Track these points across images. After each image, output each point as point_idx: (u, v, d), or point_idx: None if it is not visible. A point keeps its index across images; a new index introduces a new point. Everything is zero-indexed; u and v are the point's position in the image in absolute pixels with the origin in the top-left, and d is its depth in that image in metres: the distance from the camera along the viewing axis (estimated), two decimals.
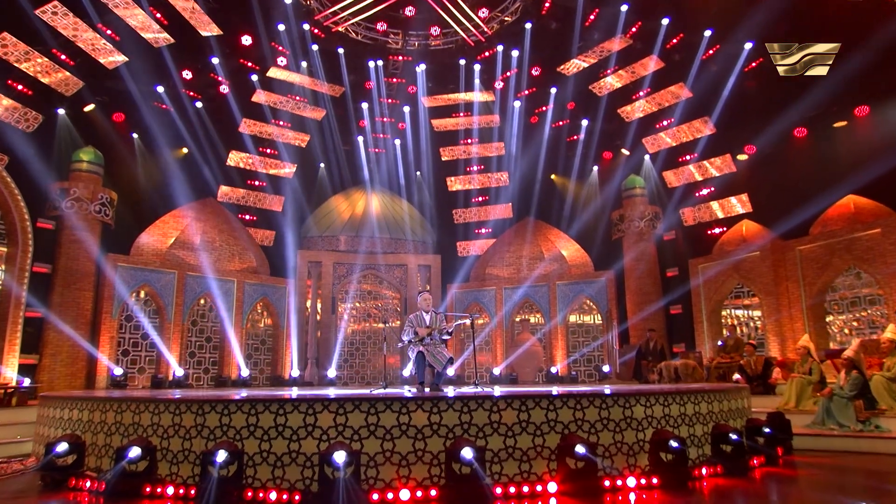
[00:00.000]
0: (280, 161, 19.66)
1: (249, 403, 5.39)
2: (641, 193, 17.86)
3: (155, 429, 5.65)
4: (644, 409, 5.82)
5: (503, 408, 5.43)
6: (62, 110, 14.67)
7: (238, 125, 18.28)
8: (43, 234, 13.71)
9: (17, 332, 12.85)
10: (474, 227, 21.46)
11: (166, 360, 15.17)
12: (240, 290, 17.21)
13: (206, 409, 5.48)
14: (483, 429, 5.34)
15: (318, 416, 5.26)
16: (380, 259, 20.47)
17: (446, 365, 8.28)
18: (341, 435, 5.20)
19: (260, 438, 5.27)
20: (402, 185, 21.55)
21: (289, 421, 5.28)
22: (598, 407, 5.63)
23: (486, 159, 20.98)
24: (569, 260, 19.04)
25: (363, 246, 20.51)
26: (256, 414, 5.35)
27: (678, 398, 6.11)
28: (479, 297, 19.46)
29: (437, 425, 5.29)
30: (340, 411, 5.26)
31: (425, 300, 8.67)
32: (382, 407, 5.28)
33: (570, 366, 17.72)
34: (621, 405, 5.71)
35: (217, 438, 5.36)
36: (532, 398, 5.53)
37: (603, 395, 5.71)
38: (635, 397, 5.82)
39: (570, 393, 5.71)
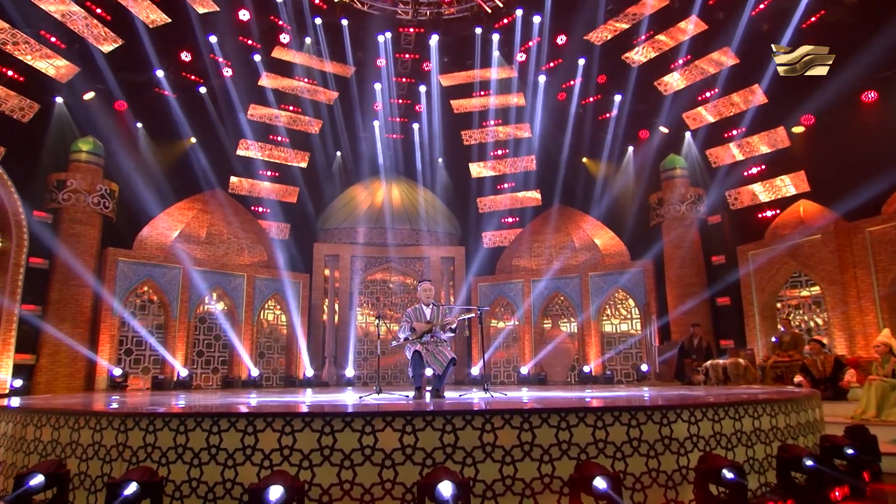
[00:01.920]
0: (292, 150, 18.78)
1: (178, 418, 4.31)
2: (682, 174, 16.26)
3: (74, 448, 4.64)
4: (688, 425, 4.49)
5: (499, 425, 4.19)
6: (60, 99, 14.05)
7: (246, 111, 17.44)
8: (39, 227, 13.11)
9: (12, 330, 12.27)
10: (500, 215, 20.17)
11: (171, 359, 14.45)
12: (250, 286, 16.40)
13: (128, 425, 4.43)
14: (472, 453, 4.12)
15: (258, 437, 4.13)
16: (400, 251, 19.45)
17: (448, 367, 7.10)
18: (287, 461, 4.06)
19: (189, 463, 4.18)
20: (422, 172, 20.41)
21: (223, 441, 4.17)
22: (626, 424, 4.33)
23: (510, 142, 19.62)
24: (602, 249, 17.55)
25: (382, 238, 19.53)
26: (186, 432, 4.26)
27: (732, 410, 4.76)
28: (504, 290, 18.19)
29: (412, 449, 4.10)
30: (287, 430, 4.12)
31: (425, 291, 7.51)
32: (340, 424, 4.11)
33: (604, 364, 16.28)
34: (657, 421, 4.40)
35: (140, 461, 4.30)
36: (538, 413, 4.28)
37: (632, 409, 4.40)
38: (675, 410, 4.50)
39: (589, 407, 4.42)
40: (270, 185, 18.71)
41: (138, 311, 14.54)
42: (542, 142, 19.05)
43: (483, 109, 19.32)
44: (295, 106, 18.26)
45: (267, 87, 17.49)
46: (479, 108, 19.33)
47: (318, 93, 18.54)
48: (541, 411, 4.28)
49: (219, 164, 17.08)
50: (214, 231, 16.24)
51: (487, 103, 19.15)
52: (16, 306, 12.40)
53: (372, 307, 19.45)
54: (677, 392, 8.80)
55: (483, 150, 19.85)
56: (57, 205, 13.42)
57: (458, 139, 19.68)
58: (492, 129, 19.62)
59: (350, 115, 18.92)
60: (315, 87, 18.43)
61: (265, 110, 17.89)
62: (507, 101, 19.18)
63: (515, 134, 19.48)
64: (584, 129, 18.39)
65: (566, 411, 4.29)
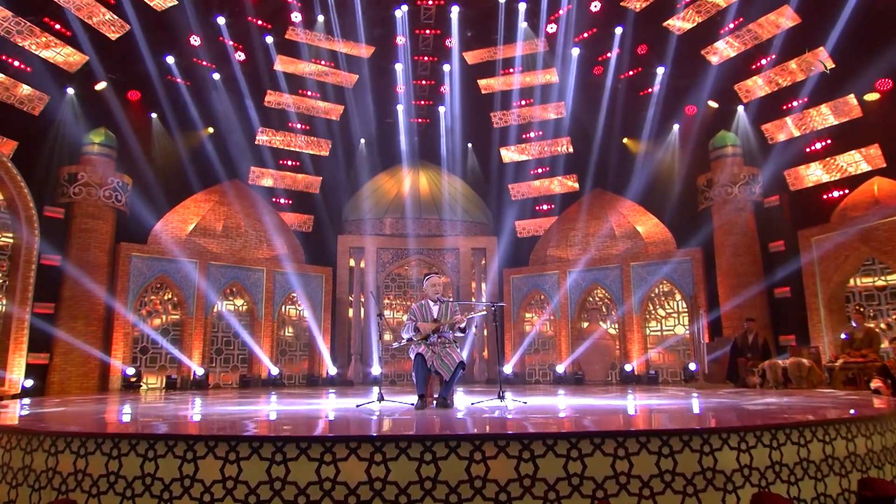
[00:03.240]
0: (314, 138, 18.29)
1: (112, 440, 3.72)
2: (734, 152, 14.97)
3: (4, 472, 4.13)
4: (737, 453, 3.62)
5: (492, 454, 3.43)
6: (71, 90, 13.90)
7: (262, 98, 17.03)
8: (52, 223, 13.00)
9: (24, 329, 12.18)
10: (533, 203, 19.24)
11: (187, 358, 14.21)
12: (269, 280, 16.04)
13: (59, 447, 3.88)
14: (458, 489, 3.37)
15: (198, 464, 3.49)
16: (428, 242, 18.79)
17: (456, 371, 6.34)
18: (230, 495, 3.41)
19: (122, 494, 3.58)
20: (450, 158, 19.64)
21: (160, 469, 3.55)
22: (657, 452, 3.50)
23: (544, 123, 18.61)
24: (645, 236, 16.41)
25: (410, 229, 18.90)
26: (119, 457, 3.67)
27: (796, 433, 3.86)
28: (539, 282, 17.29)
29: (382, 483, 3.38)
30: (231, 457, 3.46)
31: (433, 286, 6.76)
32: (294, 451, 3.42)
33: (648, 363, 15.21)
34: (696, 448, 3.55)
35: (70, 491, 3.75)
36: (542, 438, 3.50)
37: (664, 434, 3.56)
38: (720, 435, 3.64)
39: (607, 432, 3.60)
40: (291, 176, 18.30)
41: (153, 307, 14.33)
42: (578, 122, 17.97)
43: (512, 89, 18.35)
44: (313, 91, 17.74)
45: (283, 71, 17.02)
46: (508, 88, 18.37)
47: (337, 76, 17.96)
48: (545, 436, 3.48)
49: (236, 155, 16.75)
50: (231, 224, 15.92)
51: (517, 81, 18.16)
52: (28, 305, 12.30)
53: (400, 301, 18.89)
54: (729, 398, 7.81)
55: (514, 133, 18.91)
56: (68, 199, 13.29)
57: (486, 122, 18.80)
58: (523, 109, 18.64)
59: (372, 100, 18.27)
60: (333, 71, 17.85)
61: (282, 97, 17.43)
62: (538, 78, 18.16)
63: (548, 114, 18.45)
64: (623, 107, 17.21)
65: (577, 436, 3.48)
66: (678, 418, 5.14)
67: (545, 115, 18.48)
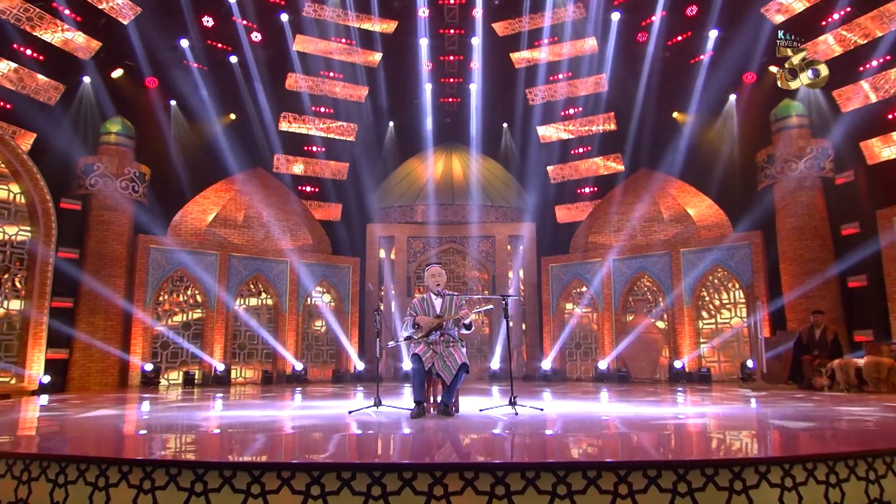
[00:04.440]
0: (339, 122, 17.92)
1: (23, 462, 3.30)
2: (800, 123, 13.68)
3: None
4: (780, 491, 2.90)
5: (456, 489, 2.82)
6: (87, 78, 13.93)
7: (283, 81, 16.72)
8: (69, 215, 13.06)
9: (43, 324, 12.28)
10: (575, 185, 18.34)
11: (209, 354, 14.14)
12: (293, 272, 15.80)
13: None
14: None
15: (110, 493, 3.02)
16: (463, 230, 18.17)
17: (459, 374, 5.75)
18: None
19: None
20: (485, 140, 18.92)
21: (70, 497, 3.11)
22: (670, 490, 2.81)
23: (584, 99, 17.63)
24: (697, 220, 15.30)
25: (442, 216, 18.34)
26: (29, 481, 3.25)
27: (863, 464, 3.09)
28: (580, 271, 16.43)
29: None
30: (146, 485, 2.97)
31: (433, 276, 6.18)
32: (216, 481, 2.90)
33: (700, 358, 14.19)
34: (724, 486, 2.85)
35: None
36: (521, 470, 2.86)
37: (680, 466, 2.87)
38: (756, 467, 2.91)
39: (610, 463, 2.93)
40: (317, 162, 18.01)
41: (173, 301, 14.30)
42: (621, 95, 16.88)
43: (547, 61, 17.42)
44: (336, 72, 17.32)
45: (302, 52, 16.65)
46: (543, 61, 17.45)
47: (359, 55, 17.47)
48: (526, 467, 2.84)
49: (259, 142, 16.55)
50: (252, 214, 15.74)
51: (552, 53, 17.22)
52: (46, 300, 12.39)
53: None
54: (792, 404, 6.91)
55: (552, 110, 18.02)
56: (85, 191, 13.34)
57: (521, 99, 17.96)
58: (560, 84, 17.70)
59: (398, 79, 17.71)
60: (354, 49, 17.37)
61: (304, 79, 17.09)
62: (575, 48, 17.15)
63: (588, 88, 17.45)
64: (671, 77, 16.04)
65: (567, 468, 2.82)
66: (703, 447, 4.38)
67: (585, 89, 17.49)
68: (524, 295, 17.97)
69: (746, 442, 4.03)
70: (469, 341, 18.44)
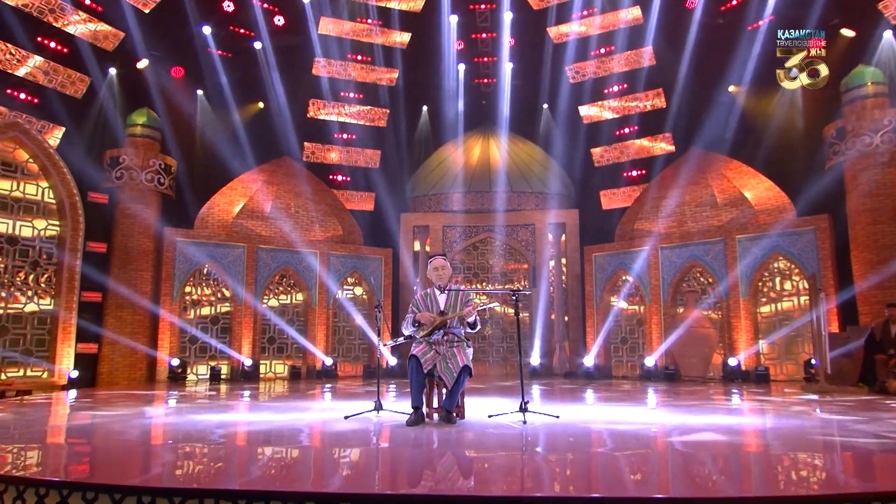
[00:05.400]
0: (369, 107, 17.60)
1: None
2: (876, 92, 12.44)
3: None
4: None
5: None
6: (113, 70, 14.07)
7: (310, 66, 16.50)
8: (97, 209, 13.25)
9: (72, 319, 12.50)
10: (621, 168, 17.47)
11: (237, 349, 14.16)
12: (323, 264, 15.65)
13: None
14: None
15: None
16: (501, 218, 17.62)
17: (460, 377, 5.29)
18: None
19: None
20: (523, 122, 18.25)
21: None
22: None
23: (630, 74, 16.69)
24: (754, 203, 14.22)
25: (479, 203, 17.86)
26: None
27: None
28: (626, 261, 15.62)
29: None
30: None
31: (435, 270, 5.73)
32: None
33: (759, 355, 13.20)
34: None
35: None
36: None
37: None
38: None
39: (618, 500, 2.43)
40: (348, 150, 17.78)
41: (200, 295, 14.36)
42: (671, 69, 15.84)
43: (589, 35, 16.54)
44: (364, 55, 16.96)
45: (327, 34, 16.36)
46: (584, 35, 16.58)
47: (387, 35, 17.04)
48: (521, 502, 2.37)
49: (287, 130, 16.41)
50: (280, 204, 15.63)
51: (593, 26, 16.32)
52: (75, 294, 12.61)
53: (471, 285, 17.94)
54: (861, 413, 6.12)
55: (595, 88, 17.14)
56: (112, 184, 13.50)
57: (562, 77, 17.16)
58: (603, 59, 16.79)
59: (429, 60, 17.20)
60: (382, 29, 16.95)
61: (331, 63, 16.82)
62: (620, 18, 16.19)
63: (634, 62, 16.49)
64: (726, 46, 14.90)
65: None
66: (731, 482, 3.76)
67: (630, 63, 16.54)
68: (566, 286, 17.29)
69: (806, 472, 3.40)
70: (507, 335, 17.97)
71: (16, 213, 12.07)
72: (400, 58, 17.33)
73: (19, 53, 12.68)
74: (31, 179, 12.40)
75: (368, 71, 17.26)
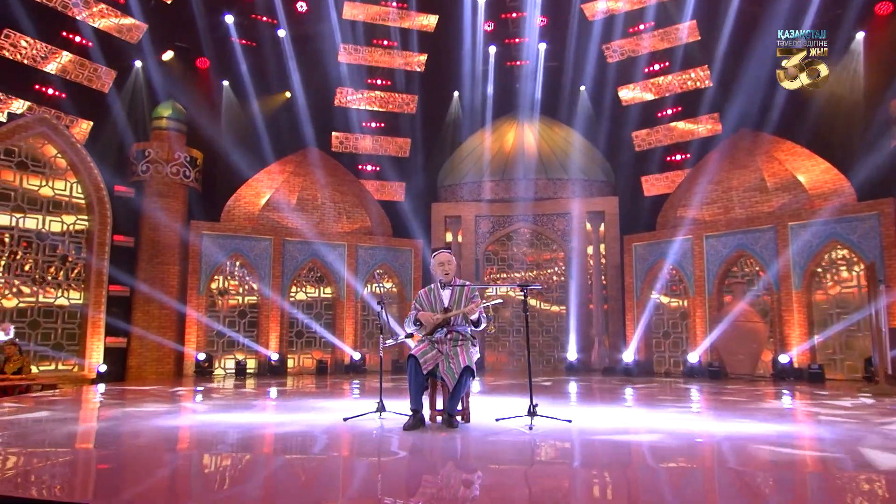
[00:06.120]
0: (398, 94, 17.34)
1: None
2: None
3: None
4: None
5: None
6: (139, 63, 14.22)
7: (337, 53, 16.32)
8: (124, 202, 13.45)
9: (101, 313, 12.74)
10: (664, 152, 16.72)
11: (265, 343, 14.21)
12: (351, 257, 15.54)
13: None
14: None
15: None
16: (536, 207, 17.20)
17: (462, 379, 4.98)
18: None
19: None
20: (558, 106, 17.68)
21: None
22: None
23: (671, 51, 15.89)
24: (809, 187, 13.34)
25: (513, 192, 17.45)
26: None
27: None
28: (668, 250, 14.95)
29: None
30: None
31: (440, 265, 5.42)
32: None
33: (813, 352, 12.40)
34: None
35: None
36: None
37: None
38: None
39: None
40: (377, 139, 17.59)
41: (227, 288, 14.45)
42: (716, 44, 15.00)
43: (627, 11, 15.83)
44: (390, 39, 16.69)
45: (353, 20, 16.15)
46: (622, 10, 15.87)
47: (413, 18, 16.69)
48: None
49: (314, 119, 16.32)
50: (307, 196, 15.56)
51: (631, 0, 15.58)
52: (103, 288, 12.85)
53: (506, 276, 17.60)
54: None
55: (635, 68, 16.41)
56: (138, 177, 13.66)
57: (598, 57, 16.48)
58: (642, 35, 16.02)
59: (458, 44, 16.78)
60: (408, 13, 16.62)
61: (357, 50, 16.61)
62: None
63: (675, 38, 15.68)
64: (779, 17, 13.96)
65: None
66: None
67: (671, 39, 15.73)
68: (605, 278, 16.72)
69: None
70: (545, 329, 17.50)
71: (45, 209, 12.34)
72: (426, 42, 16.98)
73: (46, 49, 12.92)
74: (60, 175, 12.64)
75: (395, 56, 16.97)
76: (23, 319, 11.87)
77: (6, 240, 11.82)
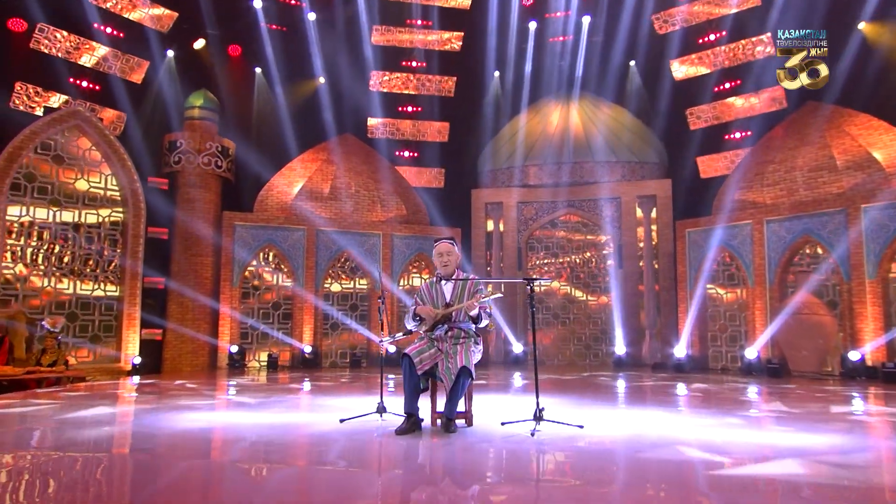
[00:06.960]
0: (434, 76, 16.94)
1: None
2: None
3: None
4: None
5: None
6: (171, 52, 14.35)
7: (369, 35, 16.04)
8: (157, 194, 13.63)
9: (136, 305, 12.98)
10: (721, 130, 15.73)
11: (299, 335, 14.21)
12: (386, 246, 15.33)
13: None
14: None
15: None
16: (582, 192, 16.60)
17: (459, 380, 4.63)
18: None
19: None
20: (606, 83, 16.92)
21: None
22: None
23: (729, 19, 14.82)
24: (886, 164, 12.20)
25: (558, 176, 16.89)
26: None
27: None
28: (725, 237, 14.06)
29: None
30: None
31: (441, 256, 5.09)
32: None
33: (890, 349, 11.36)
34: None
35: None
36: None
37: None
38: None
39: None
40: (414, 124, 17.28)
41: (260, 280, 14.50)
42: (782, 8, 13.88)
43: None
44: (425, 19, 16.27)
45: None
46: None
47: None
48: None
49: (349, 105, 16.15)
50: (340, 184, 15.40)
51: None
52: (138, 280, 13.07)
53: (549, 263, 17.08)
54: None
55: (689, 39, 15.43)
56: (170, 168, 13.81)
57: (648, 29, 15.58)
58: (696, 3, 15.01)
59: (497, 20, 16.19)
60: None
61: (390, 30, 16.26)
62: None
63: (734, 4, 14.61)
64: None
65: None
66: None
67: (728, 5, 14.66)
68: (657, 267, 15.93)
69: None
70: (593, 321, 16.84)
71: (81, 202, 12.62)
72: (462, 20, 16.48)
73: (79, 41, 13.17)
74: (95, 168, 12.90)
75: (430, 34, 16.55)
76: (61, 311, 12.22)
77: (45, 235, 12.16)
